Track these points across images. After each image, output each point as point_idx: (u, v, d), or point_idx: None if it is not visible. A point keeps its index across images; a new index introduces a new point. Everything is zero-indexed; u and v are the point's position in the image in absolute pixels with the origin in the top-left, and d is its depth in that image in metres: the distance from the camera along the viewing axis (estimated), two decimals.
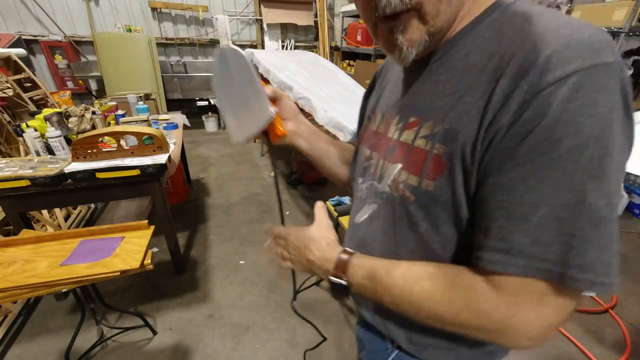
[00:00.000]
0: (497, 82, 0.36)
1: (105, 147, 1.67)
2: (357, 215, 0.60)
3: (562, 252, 0.34)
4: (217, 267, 2.19)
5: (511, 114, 0.35)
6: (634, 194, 2.97)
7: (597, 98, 0.32)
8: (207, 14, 5.24)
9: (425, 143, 0.44)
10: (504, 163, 0.36)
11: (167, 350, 1.61)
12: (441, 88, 0.44)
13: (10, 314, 1.71)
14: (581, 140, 0.32)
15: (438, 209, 0.44)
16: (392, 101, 0.55)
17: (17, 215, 1.61)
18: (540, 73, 0.33)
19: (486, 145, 0.37)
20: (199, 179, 3.49)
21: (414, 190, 0.45)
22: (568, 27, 0.34)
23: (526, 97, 0.34)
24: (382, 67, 0.67)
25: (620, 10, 2.29)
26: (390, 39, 0.43)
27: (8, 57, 2.68)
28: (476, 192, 0.40)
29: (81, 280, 1.12)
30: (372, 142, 0.59)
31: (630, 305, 1.95)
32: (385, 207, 0.52)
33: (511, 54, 0.36)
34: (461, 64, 0.42)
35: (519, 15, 0.38)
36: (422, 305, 0.43)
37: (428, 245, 0.47)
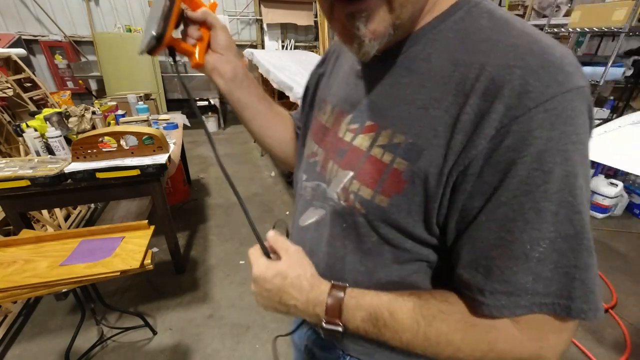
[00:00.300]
0: (467, 98, 0.34)
1: (105, 147, 1.67)
2: (302, 217, 0.54)
3: (564, 285, 0.34)
4: (217, 267, 2.19)
5: (488, 139, 0.32)
6: (634, 194, 2.97)
7: (577, 124, 0.32)
8: None
9: (383, 154, 0.40)
10: (493, 196, 0.33)
11: (167, 350, 1.61)
12: (401, 92, 0.40)
13: (10, 314, 1.71)
14: (571, 168, 0.32)
15: (389, 226, 0.41)
16: (342, 94, 0.50)
17: (17, 215, 1.61)
18: (517, 95, 0.31)
19: (459, 171, 0.35)
20: (199, 179, 3.49)
21: (366, 203, 0.42)
22: (538, 43, 0.33)
23: (504, 122, 0.32)
24: (331, 52, 0.62)
25: (620, 10, 2.29)
26: (349, 27, 0.36)
27: (8, 57, 2.68)
28: (448, 216, 0.38)
29: (81, 280, 1.12)
30: (319, 137, 0.54)
31: (630, 305, 1.95)
32: (333, 215, 0.47)
33: (480, 65, 0.34)
34: (423, 67, 0.39)
35: (485, 19, 0.36)
36: (442, 350, 0.39)
37: (377, 259, 0.45)
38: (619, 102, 3.41)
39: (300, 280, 0.44)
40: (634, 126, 1.43)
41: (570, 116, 0.31)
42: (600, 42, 4.46)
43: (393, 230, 0.41)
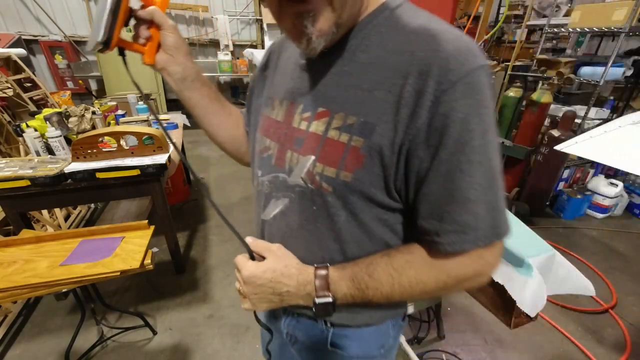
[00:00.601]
0: (405, 79, 0.41)
1: (105, 147, 1.67)
2: (265, 211, 0.57)
3: (493, 218, 0.43)
4: (217, 267, 2.19)
5: (427, 110, 0.40)
6: (634, 194, 2.97)
7: (485, 93, 0.40)
8: (207, 14, 5.24)
9: (339, 135, 0.46)
10: (435, 153, 0.41)
11: (167, 350, 1.61)
12: (347, 80, 0.46)
13: (10, 314, 1.71)
14: (485, 126, 0.41)
15: (355, 197, 0.47)
16: (289, 87, 0.54)
17: (17, 215, 1.61)
18: (443, 73, 0.39)
19: (409, 140, 0.42)
20: (199, 179, 3.49)
21: (332, 181, 0.47)
22: (450, 32, 0.41)
23: (436, 94, 0.39)
24: (279, 44, 0.65)
25: (620, 10, 2.29)
26: (297, 26, 0.41)
27: (8, 57, 2.68)
28: (406, 182, 0.45)
29: (81, 280, 1.12)
30: (270, 131, 0.57)
31: (630, 305, 1.95)
32: (301, 200, 0.51)
33: (410, 52, 0.41)
34: (364, 57, 0.45)
35: (407, 16, 0.44)
36: (414, 290, 0.47)
37: (349, 234, 0.50)
38: (619, 102, 3.41)
39: (288, 269, 0.51)
40: (634, 126, 1.43)
41: (481, 87, 0.40)
42: (600, 42, 4.46)
43: (360, 201, 0.47)
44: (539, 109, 2.65)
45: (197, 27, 5.35)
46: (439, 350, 1.62)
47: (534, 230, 0.96)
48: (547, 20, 2.89)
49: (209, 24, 5.35)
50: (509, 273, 0.87)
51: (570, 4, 3.55)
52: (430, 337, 1.69)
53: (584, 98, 3.26)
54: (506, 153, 2.92)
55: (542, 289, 0.82)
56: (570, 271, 0.89)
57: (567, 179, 3.03)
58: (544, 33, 2.91)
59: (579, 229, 2.74)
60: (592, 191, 2.88)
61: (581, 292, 0.91)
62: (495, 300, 0.96)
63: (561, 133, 2.53)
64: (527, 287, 0.82)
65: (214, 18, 5.18)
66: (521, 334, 1.73)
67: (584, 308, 1.90)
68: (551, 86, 2.70)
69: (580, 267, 2.26)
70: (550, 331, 1.77)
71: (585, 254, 2.40)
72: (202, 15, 5.17)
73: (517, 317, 0.89)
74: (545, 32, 2.90)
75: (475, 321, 1.80)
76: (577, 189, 2.99)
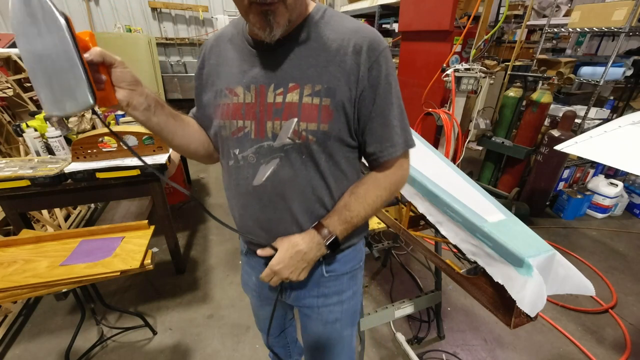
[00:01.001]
0: (345, 56, 0.62)
1: (105, 147, 1.67)
2: (255, 178, 0.69)
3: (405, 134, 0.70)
4: (217, 267, 2.19)
5: (367, 74, 0.63)
6: (634, 194, 2.97)
7: (391, 60, 0.66)
8: (207, 14, 5.24)
9: (312, 99, 0.63)
10: (374, 100, 0.65)
11: (167, 350, 1.61)
12: (306, 61, 0.64)
13: (10, 314, 1.71)
14: (395, 80, 0.67)
15: (332, 142, 0.66)
16: (252, 75, 0.66)
17: (17, 215, 1.61)
18: (371, 50, 0.63)
19: (359, 96, 0.64)
20: (199, 179, 3.49)
21: (315, 133, 0.64)
22: (366, 27, 0.65)
23: (369, 63, 0.63)
24: (208, 48, 0.75)
25: (620, 10, 2.29)
26: (264, 18, 0.56)
27: (8, 57, 2.68)
28: (359, 123, 0.67)
29: (81, 280, 1.12)
30: (241, 114, 0.67)
31: (630, 305, 1.95)
32: (290, 155, 0.66)
33: (346, 39, 0.63)
34: (315, 45, 0.64)
35: (335, 16, 0.67)
36: (377, 206, 0.72)
37: (333, 172, 0.70)
38: (619, 102, 3.40)
39: (302, 240, 0.70)
40: (634, 126, 1.42)
41: (389, 58, 0.65)
42: (600, 42, 4.46)
43: (335, 144, 0.67)
44: (539, 109, 2.65)
45: (197, 27, 5.35)
46: (439, 350, 1.62)
47: (534, 230, 0.96)
48: (547, 20, 2.89)
49: (209, 24, 5.35)
50: (509, 273, 0.87)
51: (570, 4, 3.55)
52: (430, 337, 1.69)
53: (584, 98, 3.26)
54: (506, 153, 2.93)
55: (542, 289, 0.82)
56: (570, 271, 0.89)
57: (567, 179, 3.03)
58: (544, 33, 2.91)
59: (579, 229, 2.74)
60: (592, 191, 2.88)
61: (581, 292, 0.90)
62: (495, 300, 0.96)
63: (561, 133, 2.53)
64: (527, 287, 0.82)
65: (214, 18, 5.18)
66: (521, 334, 1.73)
67: (584, 308, 1.90)
68: (551, 86, 2.70)
69: (580, 267, 2.26)
70: (550, 331, 1.77)
71: (585, 254, 2.40)
72: (202, 15, 5.17)
73: (517, 317, 0.89)
74: (545, 32, 2.90)
75: (475, 321, 1.80)
76: (577, 189, 2.99)
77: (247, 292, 1.01)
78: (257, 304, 1.00)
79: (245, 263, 0.95)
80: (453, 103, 2.54)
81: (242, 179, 0.71)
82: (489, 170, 3.22)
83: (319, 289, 0.82)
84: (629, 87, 3.31)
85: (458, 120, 2.57)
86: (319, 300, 0.84)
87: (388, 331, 1.73)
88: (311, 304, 0.84)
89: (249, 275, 0.95)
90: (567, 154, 2.16)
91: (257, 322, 1.12)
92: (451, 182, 1.18)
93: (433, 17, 2.72)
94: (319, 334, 0.89)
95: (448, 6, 2.56)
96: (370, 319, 1.44)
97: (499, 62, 3.04)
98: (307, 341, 0.94)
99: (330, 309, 0.84)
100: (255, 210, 0.72)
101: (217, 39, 0.74)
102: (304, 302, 0.85)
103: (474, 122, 2.76)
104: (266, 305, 0.98)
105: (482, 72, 2.50)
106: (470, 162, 3.99)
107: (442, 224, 1.11)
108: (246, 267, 0.95)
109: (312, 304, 0.84)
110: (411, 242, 1.36)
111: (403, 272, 2.14)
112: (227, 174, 0.76)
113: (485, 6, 2.69)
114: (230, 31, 0.73)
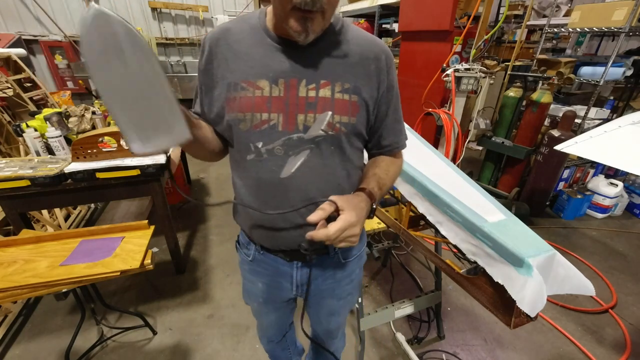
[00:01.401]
0: (369, 61, 0.72)
1: (105, 147, 1.67)
2: (283, 170, 0.71)
3: (403, 134, 0.84)
4: (217, 267, 2.19)
5: (386, 77, 0.75)
6: (634, 194, 2.97)
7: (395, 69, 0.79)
8: (207, 14, 5.25)
9: (342, 95, 0.70)
10: (390, 100, 0.77)
11: (167, 350, 1.61)
12: (336, 61, 0.70)
13: (10, 314, 1.71)
14: (397, 85, 0.79)
15: (355, 134, 0.74)
16: (281, 69, 0.68)
17: (17, 215, 1.61)
18: (388, 59, 0.75)
19: (380, 95, 0.75)
20: (199, 179, 3.49)
21: (346, 125, 0.71)
22: (378, 38, 0.76)
23: (387, 68, 0.75)
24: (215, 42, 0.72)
25: (620, 10, 2.29)
26: (302, 24, 0.61)
27: (8, 57, 2.68)
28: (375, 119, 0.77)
29: (81, 280, 1.12)
30: (264, 106, 0.68)
31: (630, 305, 1.95)
32: (321, 145, 0.71)
33: (368, 48, 0.73)
34: (342, 48, 0.71)
35: (351, 26, 0.75)
36: (393, 177, 0.82)
37: (351, 161, 0.77)
38: (619, 102, 3.40)
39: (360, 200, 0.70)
40: (634, 126, 1.42)
41: (394, 66, 0.78)
42: (600, 42, 4.46)
43: (357, 135, 0.75)
44: (539, 109, 2.65)
45: (197, 27, 5.35)
46: (439, 350, 1.62)
47: (534, 230, 0.96)
48: (547, 20, 2.89)
49: (209, 24, 5.35)
50: (509, 273, 0.87)
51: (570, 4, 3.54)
52: (430, 337, 1.69)
53: (584, 98, 3.26)
54: (506, 153, 2.93)
55: (542, 289, 0.82)
56: (570, 271, 0.89)
57: (567, 179, 3.03)
58: (544, 33, 2.91)
59: (579, 229, 2.74)
60: (592, 191, 2.88)
61: (581, 292, 0.90)
62: (495, 300, 0.96)
63: (561, 133, 2.53)
64: (527, 287, 0.82)
65: (214, 18, 5.18)
66: (521, 334, 1.73)
67: (584, 308, 1.90)
68: (551, 86, 2.70)
69: (580, 267, 2.26)
70: (550, 331, 1.77)
71: (585, 254, 2.40)
72: (202, 15, 5.17)
73: (517, 317, 0.89)
74: (545, 32, 2.90)
75: (475, 321, 1.80)
76: (577, 189, 2.99)
77: (250, 302, 1.03)
78: (263, 310, 1.01)
79: (248, 271, 0.95)
80: (453, 103, 2.54)
81: (265, 172, 0.72)
82: (489, 170, 3.22)
83: (335, 275, 0.89)
84: (629, 87, 3.31)
85: (458, 120, 2.57)
86: (334, 284, 0.91)
87: (388, 331, 1.73)
88: (327, 287, 0.91)
89: (253, 283, 0.96)
90: (567, 154, 2.16)
91: (261, 330, 1.13)
92: (451, 182, 1.18)
93: (433, 17, 2.72)
94: (334, 308, 0.98)
95: (448, 6, 2.56)
96: (370, 319, 1.44)
97: (499, 62, 3.04)
98: (320, 315, 1.01)
99: (344, 288, 0.94)
100: (282, 201, 0.73)
101: (223, 33, 0.73)
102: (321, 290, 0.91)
103: (474, 122, 2.76)
104: (272, 310, 1.00)
105: (482, 72, 2.50)
106: (470, 162, 3.99)
107: (442, 224, 1.11)
108: (249, 276, 0.96)
109: (328, 287, 0.91)
110: (411, 242, 1.36)
111: (403, 272, 2.14)
112: (243, 169, 0.76)
113: (485, 6, 2.70)
114: (240, 26, 0.72)
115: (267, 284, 0.93)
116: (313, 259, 0.85)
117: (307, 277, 0.86)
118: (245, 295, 1.03)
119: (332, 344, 1.12)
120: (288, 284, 0.89)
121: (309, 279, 0.86)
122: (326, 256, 0.86)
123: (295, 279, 0.88)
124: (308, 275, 0.86)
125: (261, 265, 0.90)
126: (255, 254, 0.89)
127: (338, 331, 1.09)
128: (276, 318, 1.05)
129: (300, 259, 0.85)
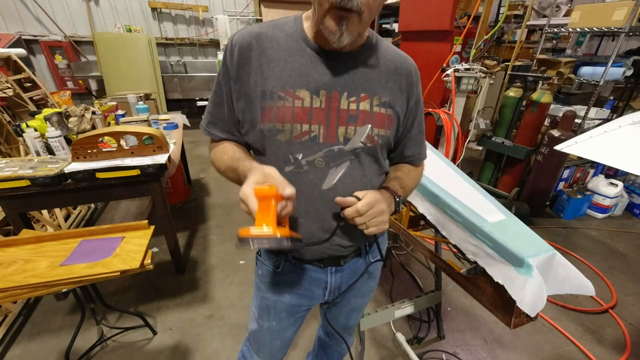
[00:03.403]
0: (401, 77, 0.76)
1: (105, 147, 1.67)
2: (324, 183, 0.70)
3: (425, 145, 0.89)
4: (217, 267, 2.19)
5: (415, 91, 0.79)
6: (634, 194, 2.97)
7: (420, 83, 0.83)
8: (207, 14, 5.25)
9: (380, 109, 0.73)
10: (417, 113, 0.82)
11: (167, 350, 1.61)
12: (371, 75, 0.72)
13: (10, 314, 1.71)
14: (422, 99, 0.82)
15: (386, 145, 0.78)
16: (321, 81, 0.68)
17: (17, 215, 1.61)
18: (417, 75, 0.80)
19: (410, 108, 0.79)
20: (199, 179, 3.49)
21: (383, 137, 0.74)
22: (408, 55, 0.79)
23: (416, 83, 0.79)
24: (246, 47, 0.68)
25: (620, 10, 2.29)
26: (338, 23, 0.60)
27: (8, 57, 2.68)
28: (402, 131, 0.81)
29: (81, 280, 1.12)
30: (306, 117, 0.67)
31: (630, 305, 1.95)
32: (360, 156, 0.72)
33: (400, 63, 0.76)
34: (378, 63, 0.73)
35: (384, 42, 0.77)
36: (414, 183, 0.86)
37: (383, 168, 0.81)
38: (619, 102, 3.40)
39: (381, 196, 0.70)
40: (634, 126, 1.42)
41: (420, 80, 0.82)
42: (600, 42, 4.45)
43: (387, 147, 0.79)
44: (539, 109, 2.65)
45: (197, 27, 5.35)
46: (439, 350, 1.62)
47: (534, 230, 0.96)
48: (547, 20, 2.89)
49: (209, 24, 5.35)
50: (509, 273, 0.87)
51: (570, 4, 3.54)
52: (430, 337, 1.69)
53: (584, 98, 3.26)
54: (506, 153, 2.93)
55: (542, 289, 0.82)
56: (570, 271, 0.89)
57: (567, 179, 3.03)
58: (544, 33, 2.91)
59: (579, 229, 2.74)
60: (592, 191, 2.88)
61: (581, 292, 0.90)
62: (495, 300, 0.96)
63: (561, 133, 2.53)
64: (527, 287, 0.82)
65: (214, 18, 5.18)
66: (521, 334, 1.73)
67: (584, 308, 1.90)
68: (551, 86, 2.70)
69: (580, 267, 2.26)
70: (550, 331, 1.77)
71: (585, 254, 2.40)
72: (202, 15, 5.17)
73: (517, 317, 0.89)
74: (545, 32, 2.90)
75: (475, 321, 1.80)
76: (577, 189, 2.99)
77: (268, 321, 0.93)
78: (283, 325, 0.93)
79: (272, 284, 0.88)
80: (453, 103, 2.54)
81: (306, 184, 0.70)
82: (489, 170, 3.22)
83: (363, 274, 0.91)
84: (629, 87, 3.30)
85: (458, 120, 2.57)
86: (360, 282, 0.92)
87: (388, 331, 1.73)
88: (355, 286, 0.92)
89: (278, 295, 0.88)
90: (567, 154, 2.16)
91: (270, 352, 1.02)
92: (451, 182, 1.18)
93: (433, 17, 2.73)
94: (357, 305, 1.01)
95: (448, 6, 2.56)
96: (371, 319, 1.44)
97: (499, 62, 3.04)
98: (342, 312, 1.02)
99: (368, 285, 0.97)
100: (322, 213, 0.73)
101: (256, 38, 0.69)
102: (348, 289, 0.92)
103: (474, 122, 2.76)
104: (292, 325, 0.95)
105: (482, 72, 2.50)
106: (470, 162, 3.99)
107: (442, 224, 1.11)
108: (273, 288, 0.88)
109: (355, 287, 0.93)
110: (411, 242, 1.36)
111: (403, 272, 2.14)
112: None
113: (485, 6, 2.70)
114: (272, 32, 0.70)
115: (297, 294, 0.88)
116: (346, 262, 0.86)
117: (340, 281, 0.87)
118: (264, 314, 0.93)
119: (348, 339, 1.14)
120: (320, 290, 0.88)
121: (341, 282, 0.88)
122: (357, 258, 0.88)
123: (330, 284, 0.87)
124: (341, 279, 0.87)
125: (291, 275, 0.86)
126: (284, 264, 0.84)
127: (355, 326, 1.13)
128: (291, 335, 0.99)
129: (334, 264, 0.84)
